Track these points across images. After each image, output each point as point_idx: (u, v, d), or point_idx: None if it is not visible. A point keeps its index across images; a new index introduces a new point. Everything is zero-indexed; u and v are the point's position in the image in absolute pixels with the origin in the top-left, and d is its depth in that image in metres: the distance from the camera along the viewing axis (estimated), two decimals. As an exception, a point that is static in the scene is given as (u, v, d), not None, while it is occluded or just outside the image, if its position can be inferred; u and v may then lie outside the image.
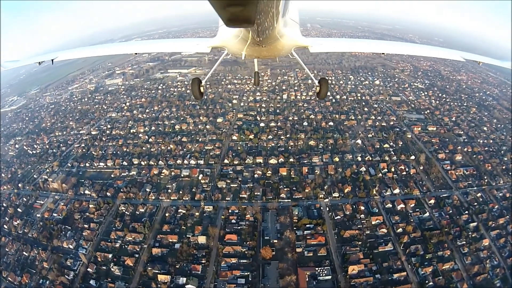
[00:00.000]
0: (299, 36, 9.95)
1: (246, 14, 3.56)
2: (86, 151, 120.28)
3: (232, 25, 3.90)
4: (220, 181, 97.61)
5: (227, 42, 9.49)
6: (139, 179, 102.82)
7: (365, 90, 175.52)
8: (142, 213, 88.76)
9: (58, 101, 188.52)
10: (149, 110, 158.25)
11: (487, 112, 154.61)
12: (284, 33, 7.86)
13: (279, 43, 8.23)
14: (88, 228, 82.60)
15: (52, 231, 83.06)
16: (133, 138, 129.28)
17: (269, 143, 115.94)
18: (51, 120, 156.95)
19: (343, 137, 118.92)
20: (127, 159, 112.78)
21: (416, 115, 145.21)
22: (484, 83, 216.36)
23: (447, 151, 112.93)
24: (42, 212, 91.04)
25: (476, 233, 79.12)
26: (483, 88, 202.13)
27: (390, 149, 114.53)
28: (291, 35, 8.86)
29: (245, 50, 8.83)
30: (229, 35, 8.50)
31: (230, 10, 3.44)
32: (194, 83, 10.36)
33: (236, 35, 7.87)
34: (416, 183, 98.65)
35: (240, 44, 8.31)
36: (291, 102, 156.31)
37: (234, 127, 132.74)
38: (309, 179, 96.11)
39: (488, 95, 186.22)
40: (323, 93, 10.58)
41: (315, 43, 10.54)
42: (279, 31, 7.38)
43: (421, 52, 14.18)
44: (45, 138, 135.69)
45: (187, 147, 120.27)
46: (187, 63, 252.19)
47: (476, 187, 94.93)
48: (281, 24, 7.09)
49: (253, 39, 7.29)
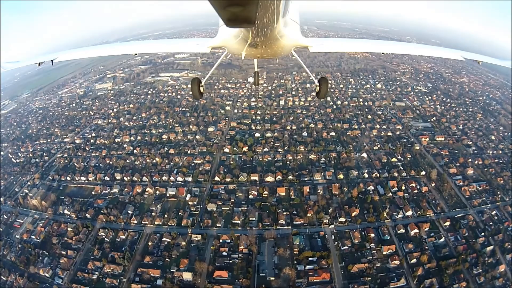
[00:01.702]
0: (299, 36, 9.77)
1: (246, 14, 3.56)
2: (69, 162, 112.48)
3: (232, 25, 3.93)
4: (210, 203, 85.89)
5: (227, 42, 9.28)
6: (121, 198, 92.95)
7: (367, 94, 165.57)
8: (123, 240, 79.00)
9: (47, 106, 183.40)
10: (136, 117, 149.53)
11: (492, 119, 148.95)
12: (284, 33, 7.78)
13: (279, 43, 8.16)
14: (66, 255, 74.79)
15: (30, 255, 75.89)
16: (117, 148, 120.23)
17: (265, 157, 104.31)
18: (38, 126, 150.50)
19: (346, 149, 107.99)
20: (109, 174, 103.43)
21: (423, 123, 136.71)
22: (486, 85, 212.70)
23: (458, 165, 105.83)
24: (21, 233, 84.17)
25: (492, 258, 72.06)
26: (485, 91, 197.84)
27: (398, 163, 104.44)
28: (291, 35, 8.75)
29: (245, 50, 8.72)
30: (229, 35, 8.40)
31: (230, 10, 3.42)
32: (194, 83, 10.31)
33: (236, 35, 7.80)
34: (429, 203, 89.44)
35: (240, 44, 8.24)
36: (288, 109, 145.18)
37: (227, 137, 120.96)
38: (311, 201, 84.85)
39: (491, 98, 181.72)
40: (322, 93, 10.64)
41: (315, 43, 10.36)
42: (279, 31, 7.29)
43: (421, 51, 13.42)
44: (30, 146, 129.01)
45: (174, 161, 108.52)
46: (180, 66, 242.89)
47: (490, 203, 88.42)
48: (281, 24, 6.98)
49: (253, 39, 7.31)
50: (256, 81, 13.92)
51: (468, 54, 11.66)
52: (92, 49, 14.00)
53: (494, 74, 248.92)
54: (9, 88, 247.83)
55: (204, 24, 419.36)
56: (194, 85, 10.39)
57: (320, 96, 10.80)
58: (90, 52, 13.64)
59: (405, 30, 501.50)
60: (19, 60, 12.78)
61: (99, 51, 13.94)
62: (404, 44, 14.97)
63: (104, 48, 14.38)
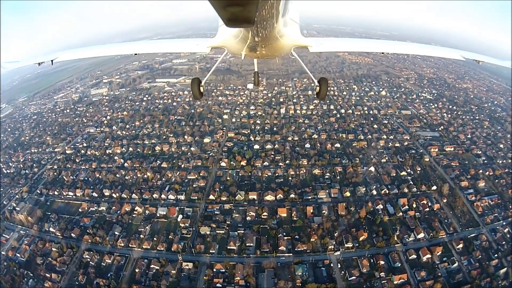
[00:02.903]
0: (299, 36, 9.79)
1: (246, 14, 3.55)
2: (58, 174, 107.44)
3: (232, 25, 3.91)
4: (203, 225, 78.25)
5: (227, 42, 9.34)
6: (108, 217, 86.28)
7: (372, 102, 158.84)
8: (109, 265, 72.32)
9: (41, 111, 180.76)
10: (129, 125, 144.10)
11: (499, 126, 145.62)
12: (284, 33, 7.78)
13: (279, 43, 8.14)
14: (50, 279, 69.52)
15: (15, 275, 71.41)
16: (107, 161, 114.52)
17: (264, 172, 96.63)
18: (30, 133, 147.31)
19: (353, 163, 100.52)
20: (97, 189, 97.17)
21: (431, 133, 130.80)
22: (490, 91, 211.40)
23: (469, 177, 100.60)
24: (6, 249, 79.98)
25: (505, 281, 67.23)
26: (489, 97, 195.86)
27: (408, 177, 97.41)
28: (291, 35, 8.74)
29: (244, 50, 8.70)
30: (229, 35, 8.40)
31: (230, 10, 3.42)
32: (194, 83, 10.26)
33: (236, 35, 7.79)
34: (442, 222, 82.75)
35: (240, 44, 8.22)
36: (290, 118, 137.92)
37: (224, 149, 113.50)
38: (315, 223, 77.12)
39: (496, 105, 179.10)
40: (323, 93, 10.41)
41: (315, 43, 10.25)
42: (279, 31, 7.31)
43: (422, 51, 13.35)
44: (21, 155, 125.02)
45: (166, 176, 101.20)
46: (177, 72, 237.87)
47: (503, 219, 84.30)
48: (281, 24, 7.02)
49: (253, 39, 7.30)
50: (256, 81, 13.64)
51: (468, 54, 11.59)
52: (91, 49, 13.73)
53: (496, 79, 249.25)
54: (8, 91, 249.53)
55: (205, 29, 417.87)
56: (194, 85, 10.25)
57: (320, 96, 10.54)
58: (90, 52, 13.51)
59: (406, 35, 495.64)
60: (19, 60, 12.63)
61: (99, 51, 13.74)
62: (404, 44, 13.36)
63: (104, 48, 14.05)
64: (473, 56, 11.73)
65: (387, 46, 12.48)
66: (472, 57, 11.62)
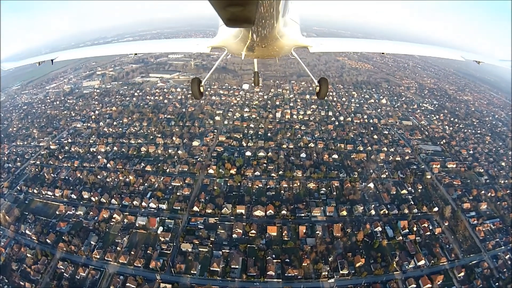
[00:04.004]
0: (299, 36, 9.69)
1: (246, 14, 3.54)
2: (39, 171, 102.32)
3: (232, 25, 3.91)
4: (185, 241, 70.36)
5: (227, 42, 9.18)
6: (85, 223, 79.82)
7: (372, 110, 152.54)
8: (83, 278, 66.38)
9: (32, 101, 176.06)
10: (117, 122, 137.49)
11: (501, 142, 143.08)
12: (284, 33, 7.75)
13: (279, 43, 8.11)
14: None
15: None
16: (90, 159, 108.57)
17: (255, 183, 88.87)
18: (18, 124, 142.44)
19: (351, 177, 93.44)
20: (77, 191, 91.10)
21: (432, 147, 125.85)
22: (491, 105, 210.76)
23: (471, 198, 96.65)
24: None
25: None
26: (490, 111, 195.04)
27: (409, 196, 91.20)
28: (291, 35, 8.68)
29: (244, 50, 8.62)
30: (229, 35, 8.34)
31: (230, 10, 3.41)
32: (194, 83, 10.13)
33: (236, 35, 7.72)
34: (443, 248, 77.47)
35: (240, 44, 8.15)
36: (285, 123, 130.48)
37: (213, 154, 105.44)
38: (308, 245, 69.70)
39: (497, 119, 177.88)
40: (323, 93, 10.43)
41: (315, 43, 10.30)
42: (279, 31, 7.26)
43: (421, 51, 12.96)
44: (6, 147, 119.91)
45: (149, 181, 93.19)
46: (172, 67, 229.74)
47: (504, 245, 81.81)
48: (281, 24, 6.96)
49: (253, 39, 7.25)
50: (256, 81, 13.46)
51: (467, 54, 11.32)
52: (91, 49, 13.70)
53: (496, 93, 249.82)
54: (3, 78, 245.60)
55: (204, 26, 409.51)
56: (194, 85, 10.12)
57: (321, 96, 10.44)
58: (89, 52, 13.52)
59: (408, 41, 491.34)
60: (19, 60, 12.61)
61: (99, 51, 13.67)
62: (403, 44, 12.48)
63: (103, 48, 13.92)
64: (473, 57, 11.46)
65: (387, 46, 12.19)
66: (472, 58, 11.30)
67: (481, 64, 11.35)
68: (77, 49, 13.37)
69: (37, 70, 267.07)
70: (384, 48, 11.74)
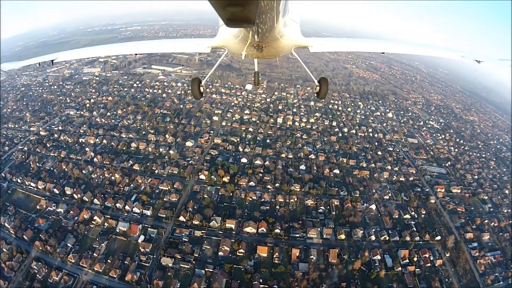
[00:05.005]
0: (299, 36, 9.69)
1: (246, 14, 3.53)
2: (26, 158, 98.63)
3: (232, 25, 3.91)
4: (166, 255, 64.01)
5: (227, 42, 9.16)
6: (64, 222, 75.10)
7: (377, 124, 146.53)
8: (55, 282, 62.25)
9: (30, 83, 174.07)
10: (111, 113, 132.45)
11: (505, 168, 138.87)
12: (284, 33, 7.71)
13: (279, 43, 8.06)
14: None
15: None
16: (78, 151, 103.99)
17: (249, 195, 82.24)
18: (13, 106, 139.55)
19: (352, 197, 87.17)
20: (59, 185, 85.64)
21: (437, 168, 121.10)
22: (495, 128, 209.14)
23: (474, 227, 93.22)
24: None
25: None
26: (495, 134, 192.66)
27: (411, 221, 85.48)
28: (291, 35, 8.67)
29: (245, 50, 8.50)
30: (229, 35, 8.30)
31: (230, 10, 3.40)
32: (194, 83, 10.01)
33: (236, 35, 7.68)
34: (442, 282, 72.30)
35: (240, 44, 8.09)
36: (286, 130, 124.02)
37: (206, 158, 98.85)
38: (300, 272, 63.29)
39: (501, 143, 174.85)
40: (323, 93, 10.47)
41: (316, 43, 10.23)
42: (279, 31, 7.23)
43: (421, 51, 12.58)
44: None
45: (136, 182, 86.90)
46: (175, 61, 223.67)
47: (503, 280, 79.05)
48: (281, 24, 6.93)
49: (253, 39, 7.18)
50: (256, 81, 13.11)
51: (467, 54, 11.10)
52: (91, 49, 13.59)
53: (501, 115, 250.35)
54: (7, 57, 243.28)
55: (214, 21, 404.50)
56: (194, 85, 9.98)
57: (321, 96, 10.41)
58: (89, 52, 13.60)
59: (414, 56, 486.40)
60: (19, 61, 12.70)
61: (99, 51, 13.94)
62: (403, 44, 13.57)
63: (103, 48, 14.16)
64: (472, 56, 11.10)
65: (386, 46, 11.75)
66: (472, 57, 11.00)
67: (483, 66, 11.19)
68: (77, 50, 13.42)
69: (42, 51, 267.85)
70: (384, 48, 11.43)
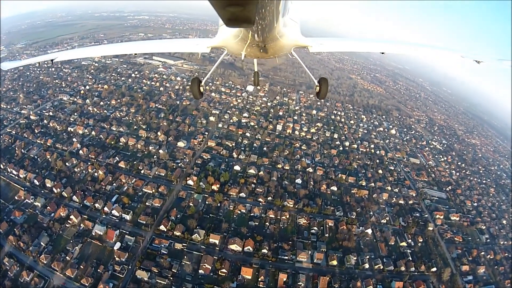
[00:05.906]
0: (299, 36, 9.64)
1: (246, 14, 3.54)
2: (12, 143, 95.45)
3: (232, 25, 3.91)
4: (142, 268, 58.21)
5: (226, 42, 9.01)
6: (40, 218, 71.21)
7: (380, 140, 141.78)
8: (26, 283, 58.85)
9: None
10: (104, 103, 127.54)
11: (504, 196, 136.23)
12: (284, 33, 7.62)
13: (279, 43, 7.95)
14: None
15: None
16: (64, 141, 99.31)
17: (238, 207, 76.37)
18: (9, 85, 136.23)
19: (348, 218, 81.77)
20: (41, 176, 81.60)
21: (438, 193, 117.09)
22: (496, 153, 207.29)
23: (470, 259, 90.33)
24: None
25: None
26: (496, 159, 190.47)
27: (407, 250, 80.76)
28: (291, 35, 8.55)
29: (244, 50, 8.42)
30: (229, 35, 8.19)
31: (230, 10, 3.41)
32: (194, 83, 9.95)
33: (236, 35, 7.62)
34: None
35: (240, 44, 8.02)
36: (285, 138, 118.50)
37: (197, 161, 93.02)
38: (286, 299, 57.94)
39: (502, 170, 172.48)
40: (323, 93, 10.34)
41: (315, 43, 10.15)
42: (279, 31, 7.16)
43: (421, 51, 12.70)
44: None
45: (119, 181, 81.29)
46: (177, 54, 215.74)
47: None
48: (281, 24, 6.86)
49: (253, 39, 7.17)
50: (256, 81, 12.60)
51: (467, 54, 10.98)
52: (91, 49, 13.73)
53: (502, 140, 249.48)
54: (13, 33, 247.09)
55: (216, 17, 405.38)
56: (194, 85, 9.89)
57: (320, 96, 10.24)
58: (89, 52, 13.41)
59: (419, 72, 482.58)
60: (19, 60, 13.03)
61: (99, 51, 13.98)
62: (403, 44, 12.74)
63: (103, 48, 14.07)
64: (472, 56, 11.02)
65: (386, 46, 11.58)
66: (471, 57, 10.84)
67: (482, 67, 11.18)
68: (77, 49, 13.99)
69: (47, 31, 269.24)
70: (384, 48, 11.09)
